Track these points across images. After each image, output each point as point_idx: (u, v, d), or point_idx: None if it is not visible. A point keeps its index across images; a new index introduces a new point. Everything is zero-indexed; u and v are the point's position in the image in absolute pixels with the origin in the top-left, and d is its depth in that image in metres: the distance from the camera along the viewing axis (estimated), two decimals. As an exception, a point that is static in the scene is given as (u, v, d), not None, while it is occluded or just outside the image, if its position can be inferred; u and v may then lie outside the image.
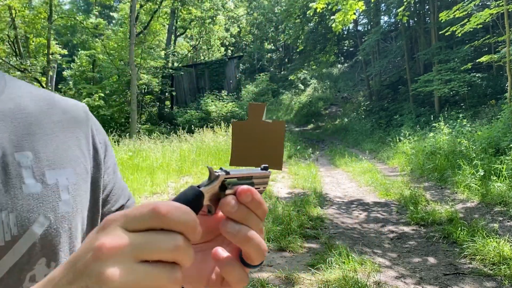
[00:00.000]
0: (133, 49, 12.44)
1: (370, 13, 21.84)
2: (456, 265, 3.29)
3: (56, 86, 20.94)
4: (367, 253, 3.60)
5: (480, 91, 14.73)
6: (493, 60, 9.87)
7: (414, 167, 8.43)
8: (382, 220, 4.81)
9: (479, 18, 8.96)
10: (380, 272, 3.14)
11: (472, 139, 7.61)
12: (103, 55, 16.83)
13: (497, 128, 7.37)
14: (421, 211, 4.80)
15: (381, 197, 6.15)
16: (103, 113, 14.64)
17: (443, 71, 14.56)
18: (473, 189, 5.60)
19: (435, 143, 8.76)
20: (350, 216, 5.04)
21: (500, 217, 4.47)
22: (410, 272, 3.20)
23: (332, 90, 28.00)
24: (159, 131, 13.55)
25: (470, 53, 14.38)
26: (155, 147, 8.81)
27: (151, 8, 17.29)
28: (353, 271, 3.04)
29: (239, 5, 25.25)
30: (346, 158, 11.07)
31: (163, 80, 17.25)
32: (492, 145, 6.84)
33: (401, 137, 11.75)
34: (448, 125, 9.82)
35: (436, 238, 3.99)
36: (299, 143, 14.47)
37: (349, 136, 18.13)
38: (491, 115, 10.51)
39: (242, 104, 17.15)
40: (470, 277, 3.03)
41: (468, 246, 3.51)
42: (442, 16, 9.46)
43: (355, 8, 7.75)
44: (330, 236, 4.09)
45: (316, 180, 7.26)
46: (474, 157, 6.68)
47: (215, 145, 9.33)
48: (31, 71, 11.95)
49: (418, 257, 3.55)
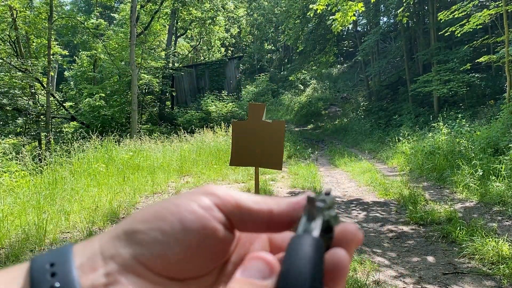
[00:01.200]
0: (133, 50, 12.47)
1: (369, 13, 21.88)
2: (455, 265, 3.29)
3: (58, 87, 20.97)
4: (366, 253, 3.62)
5: (479, 91, 14.76)
6: (492, 60, 9.89)
7: (413, 167, 8.46)
8: (381, 220, 4.83)
9: (478, 18, 8.99)
10: (379, 271, 3.15)
11: (471, 139, 7.63)
12: (104, 55, 16.87)
13: (496, 128, 7.40)
14: (420, 210, 4.81)
15: (380, 196, 6.17)
16: (104, 113, 14.68)
17: (442, 71, 14.60)
18: (472, 189, 5.62)
19: (434, 143, 8.79)
20: (349, 216, 5.06)
21: (499, 217, 4.49)
22: (409, 271, 3.20)
23: (331, 90, 28.04)
24: (159, 131, 13.58)
25: (469, 53, 14.42)
26: (155, 147, 8.84)
27: (152, 9, 17.32)
28: (353, 270, 3.05)
29: (239, 6, 25.28)
30: (345, 158, 11.09)
31: (164, 80, 17.28)
32: (491, 145, 6.86)
33: (400, 137, 11.78)
34: (447, 125, 9.84)
35: (435, 237, 4.00)
36: (299, 143, 14.49)
37: (348, 136, 18.17)
38: (490, 115, 10.55)
39: (242, 104, 17.20)
40: (469, 276, 3.04)
41: (467, 245, 3.51)
42: (441, 16, 9.49)
43: (355, 9, 7.78)
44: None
45: (315, 180, 7.28)
46: (473, 157, 6.70)
47: (216, 145, 9.36)
48: (32, 71, 11.97)
49: (417, 256, 3.56)
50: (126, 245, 0.27)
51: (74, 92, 17.76)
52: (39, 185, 4.89)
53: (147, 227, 0.28)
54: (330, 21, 8.76)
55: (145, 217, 0.29)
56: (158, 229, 0.28)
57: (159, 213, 0.29)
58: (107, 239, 0.28)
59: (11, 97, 12.33)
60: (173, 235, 0.28)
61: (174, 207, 0.29)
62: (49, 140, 11.33)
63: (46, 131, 12.36)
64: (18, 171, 5.39)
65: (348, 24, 8.60)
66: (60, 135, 14.73)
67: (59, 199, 4.58)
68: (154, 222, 0.28)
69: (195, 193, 0.31)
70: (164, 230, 0.28)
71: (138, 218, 0.29)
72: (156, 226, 0.28)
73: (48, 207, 4.28)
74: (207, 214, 0.29)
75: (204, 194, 0.30)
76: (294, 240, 0.26)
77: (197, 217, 0.28)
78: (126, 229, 0.28)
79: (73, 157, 6.19)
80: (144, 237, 0.27)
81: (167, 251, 0.27)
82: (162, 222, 0.28)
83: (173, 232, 0.28)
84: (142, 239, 0.27)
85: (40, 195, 4.44)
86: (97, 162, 6.12)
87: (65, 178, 5.17)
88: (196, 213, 0.29)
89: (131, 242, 0.27)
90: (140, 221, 0.28)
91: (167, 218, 0.28)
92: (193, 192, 0.31)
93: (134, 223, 0.28)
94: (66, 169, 5.56)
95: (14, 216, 3.92)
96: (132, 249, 0.27)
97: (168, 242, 0.27)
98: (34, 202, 4.28)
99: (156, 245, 0.27)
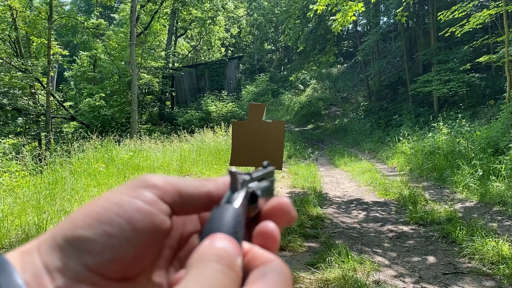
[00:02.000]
0: (133, 50, 12.46)
1: (369, 13, 21.88)
2: (455, 264, 3.29)
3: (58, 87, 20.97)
4: (367, 253, 3.62)
5: (479, 91, 14.76)
6: (492, 60, 9.89)
7: (413, 167, 8.46)
8: (381, 220, 4.83)
9: (478, 18, 8.99)
10: (379, 271, 3.15)
11: (471, 139, 7.63)
12: (104, 55, 16.86)
13: (495, 128, 7.39)
14: (420, 210, 4.81)
15: (380, 196, 6.17)
16: (104, 113, 14.68)
17: (442, 71, 14.60)
18: (472, 189, 5.62)
19: (434, 143, 8.78)
20: (349, 216, 5.06)
21: (499, 217, 4.48)
22: (409, 271, 3.20)
23: (331, 90, 28.03)
24: (159, 131, 13.59)
25: (469, 53, 14.42)
26: (155, 147, 8.84)
27: (152, 9, 17.32)
28: (353, 270, 3.05)
29: (239, 6, 25.28)
30: (345, 158, 11.09)
31: (164, 80, 17.29)
32: (491, 145, 6.86)
33: (400, 137, 11.78)
34: (447, 125, 9.84)
35: (435, 237, 3.99)
36: (299, 143, 14.49)
37: (348, 136, 18.16)
38: (490, 115, 10.55)
39: (242, 104, 17.20)
40: (469, 276, 3.03)
41: (467, 245, 3.51)
42: (441, 16, 9.48)
43: (355, 10, 7.78)
44: (329, 236, 4.10)
45: (315, 180, 7.27)
46: (473, 157, 6.70)
47: (215, 145, 9.36)
48: (32, 71, 11.97)
49: (417, 256, 3.55)
50: (73, 255, 0.25)
51: (74, 92, 17.76)
52: (39, 185, 4.88)
53: (93, 232, 0.26)
54: (330, 22, 8.75)
55: (87, 221, 0.27)
56: (105, 233, 0.26)
57: (102, 216, 0.27)
58: (47, 249, 0.26)
59: (11, 97, 12.32)
60: (124, 237, 0.26)
61: (116, 207, 0.27)
62: (49, 140, 11.33)
63: (46, 131, 12.35)
64: (18, 171, 5.38)
65: (348, 24, 8.60)
66: (60, 135, 14.74)
67: (59, 199, 4.57)
68: (99, 227, 0.26)
69: (133, 187, 0.29)
70: (113, 233, 0.26)
71: (78, 224, 0.27)
72: (103, 230, 0.26)
73: (48, 207, 4.27)
74: (154, 209, 0.28)
75: (143, 187, 0.29)
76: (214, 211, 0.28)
77: (145, 215, 0.27)
78: (68, 236, 0.26)
79: (73, 157, 6.18)
80: (93, 244, 0.26)
81: (120, 254, 0.26)
82: (108, 225, 0.26)
83: (123, 234, 0.26)
84: (91, 246, 0.26)
85: (40, 195, 4.44)
86: (97, 162, 6.12)
87: (65, 178, 5.17)
88: (143, 211, 0.27)
89: (78, 251, 0.26)
90: (83, 227, 0.26)
91: (114, 221, 0.27)
92: (130, 186, 0.29)
93: (77, 230, 0.26)
94: (66, 169, 5.55)
95: (14, 216, 3.91)
96: (82, 258, 0.25)
97: (119, 246, 0.26)
98: (34, 202, 4.27)
99: (107, 251, 0.26)
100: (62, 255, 0.26)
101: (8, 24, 13.01)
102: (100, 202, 0.28)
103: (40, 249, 0.26)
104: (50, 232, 0.28)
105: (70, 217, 0.28)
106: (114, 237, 0.26)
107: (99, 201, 0.28)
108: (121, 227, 0.26)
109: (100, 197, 0.29)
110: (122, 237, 0.26)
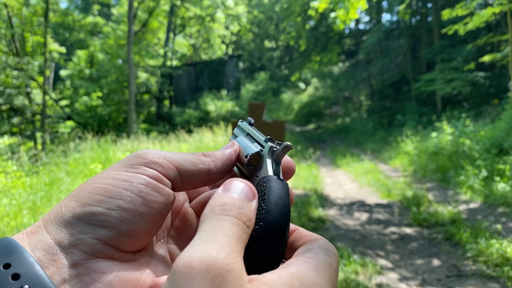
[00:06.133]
0: (131, 48, 12.39)
1: (371, 11, 21.75)
2: (459, 267, 3.24)
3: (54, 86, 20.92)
4: (369, 255, 3.55)
5: (483, 90, 14.62)
6: (496, 59, 9.77)
7: (416, 167, 8.36)
8: (384, 222, 4.75)
9: (482, 16, 8.87)
10: (382, 274, 3.10)
11: (475, 139, 7.53)
12: (101, 53, 16.78)
13: (500, 128, 7.29)
14: (423, 212, 4.74)
15: (383, 198, 6.09)
16: (101, 113, 14.60)
17: (445, 70, 14.47)
18: (476, 190, 5.54)
19: (438, 143, 8.69)
20: (351, 218, 4.98)
21: (503, 218, 4.41)
22: (413, 274, 3.15)
23: (333, 90, 27.91)
24: (157, 131, 13.52)
25: (473, 52, 14.28)
26: (153, 147, 8.78)
27: (150, 6, 17.22)
28: (355, 273, 3.00)
29: (239, 2, 25.14)
30: (347, 158, 11.00)
31: (162, 79, 17.21)
32: (495, 145, 6.76)
33: (404, 137, 11.67)
34: (450, 124, 9.74)
35: (439, 239, 3.93)
36: (300, 143, 14.40)
37: (350, 136, 18.06)
38: (494, 114, 10.43)
39: (242, 104, 17.12)
40: (473, 278, 2.99)
41: (471, 247, 3.47)
42: (445, 14, 9.37)
43: (357, 7, 7.67)
44: (331, 238, 4.03)
45: (317, 181, 7.20)
46: (477, 157, 6.62)
47: (214, 145, 9.28)
48: (28, 70, 11.89)
49: (421, 258, 3.49)
50: (87, 230, 0.26)
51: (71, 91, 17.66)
52: (35, 186, 4.83)
53: (106, 207, 0.27)
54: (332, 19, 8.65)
55: (96, 198, 0.27)
56: (118, 207, 0.27)
57: (111, 191, 0.27)
58: (56, 227, 0.26)
59: (6, 96, 12.25)
60: (136, 210, 0.27)
61: (124, 183, 0.28)
62: (45, 140, 11.26)
63: (41, 131, 12.28)
64: (14, 171, 5.33)
65: (350, 22, 8.50)
66: (56, 135, 14.65)
67: (55, 200, 4.52)
68: (111, 202, 0.27)
69: (133, 164, 0.29)
70: (125, 207, 0.27)
71: (86, 201, 0.27)
72: (115, 205, 0.27)
73: (44, 208, 4.22)
74: (160, 184, 0.29)
75: (144, 164, 0.29)
76: (271, 181, 0.31)
77: (154, 188, 0.28)
78: (79, 213, 0.26)
79: (69, 158, 6.13)
80: (107, 219, 0.26)
81: (134, 227, 0.27)
82: (120, 200, 0.27)
83: (135, 207, 0.27)
84: (105, 221, 0.26)
85: (36, 196, 4.39)
86: (94, 163, 6.05)
87: (61, 179, 5.11)
88: (151, 184, 0.28)
89: (92, 226, 0.26)
90: (93, 204, 0.27)
91: (124, 195, 0.27)
92: (128, 163, 0.29)
93: (87, 207, 0.27)
94: (62, 170, 5.50)
95: (10, 217, 3.86)
96: (97, 233, 0.26)
97: (133, 218, 0.27)
98: (30, 203, 4.22)
99: (122, 224, 0.27)
100: (75, 231, 0.26)
101: (4, 22, 12.93)
102: (103, 179, 0.28)
103: (48, 228, 0.27)
104: (52, 213, 0.28)
105: (71, 197, 0.28)
106: (127, 210, 0.27)
107: (100, 179, 0.28)
108: (132, 200, 0.28)
109: (99, 176, 0.29)
110: (135, 210, 0.27)
